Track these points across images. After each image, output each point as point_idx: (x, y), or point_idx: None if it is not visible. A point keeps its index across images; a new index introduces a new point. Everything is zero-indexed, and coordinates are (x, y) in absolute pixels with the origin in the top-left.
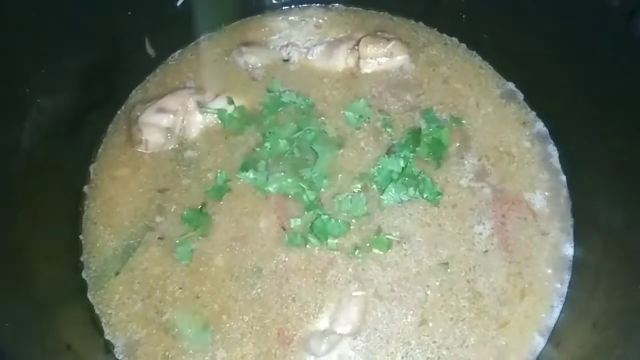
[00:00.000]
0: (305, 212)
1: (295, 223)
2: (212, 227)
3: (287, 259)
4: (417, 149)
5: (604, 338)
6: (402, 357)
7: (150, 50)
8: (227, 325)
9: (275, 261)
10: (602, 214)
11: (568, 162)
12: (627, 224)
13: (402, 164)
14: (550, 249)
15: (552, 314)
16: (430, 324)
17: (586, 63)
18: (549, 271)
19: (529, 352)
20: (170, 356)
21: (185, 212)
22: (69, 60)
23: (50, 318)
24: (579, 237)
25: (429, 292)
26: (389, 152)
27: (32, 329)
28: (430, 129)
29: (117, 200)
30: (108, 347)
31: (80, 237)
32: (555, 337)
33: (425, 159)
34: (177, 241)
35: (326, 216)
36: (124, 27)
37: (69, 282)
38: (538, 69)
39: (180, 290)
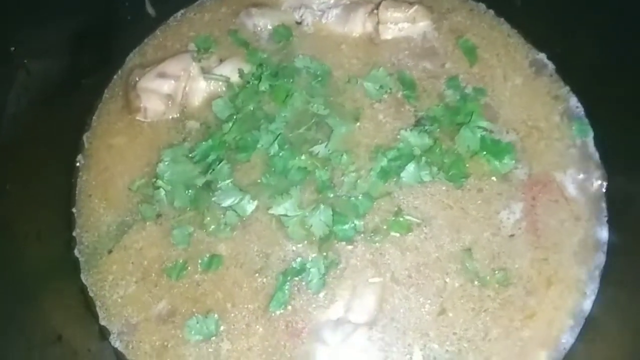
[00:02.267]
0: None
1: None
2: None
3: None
4: (444, 124)
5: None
6: (420, 350)
7: (150, 9)
8: (232, 315)
9: (281, 246)
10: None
11: (602, 143)
12: None
13: (427, 139)
14: (581, 235)
15: (583, 306)
16: (450, 314)
17: (628, 37)
18: (579, 259)
19: (556, 346)
20: (169, 346)
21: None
22: (61, 18)
23: (39, 304)
24: (615, 223)
25: (447, 280)
26: (413, 125)
27: (18, 318)
28: (457, 102)
29: (112, 171)
30: (103, 334)
31: (74, 210)
32: (589, 332)
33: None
34: (173, 223)
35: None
36: None
37: (60, 261)
38: (574, 40)
39: None
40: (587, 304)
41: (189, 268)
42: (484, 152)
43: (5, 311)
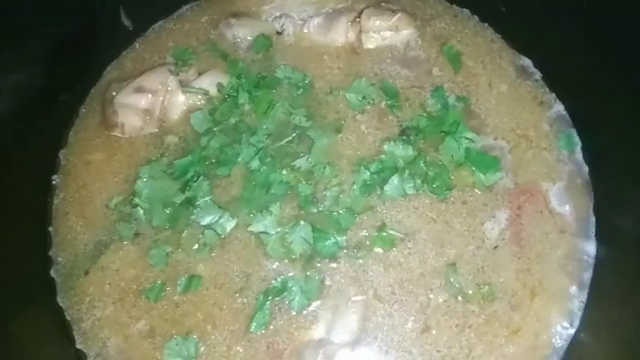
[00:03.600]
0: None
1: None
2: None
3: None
4: (429, 134)
5: (628, 355)
6: None
7: (126, 21)
8: (212, 336)
9: (261, 265)
10: (629, 213)
11: (591, 153)
12: None
13: (411, 151)
14: (566, 248)
15: (569, 320)
16: (434, 332)
17: (613, 41)
18: (563, 272)
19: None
20: None
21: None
22: (33, 33)
23: (12, 327)
24: (602, 237)
25: (431, 296)
26: (397, 136)
27: None
28: (440, 111)
29: (90, 188)
30: (79, 357)
31: (50, 229)
32: (574, 349)
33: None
34: (150, 243)
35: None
36: None
37: (35, 283)
38: (559, 45)
39: None
40: (575, 321)
41: (168, 289)
42: (469, 164)
43: None
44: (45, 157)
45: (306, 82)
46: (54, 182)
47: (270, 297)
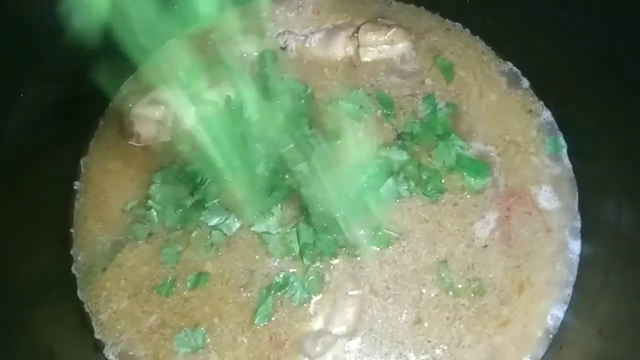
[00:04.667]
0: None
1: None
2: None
3: (278, 261)
4: (422, 139)
5: (610, 347)
6: (396, 358)
7: (142, 40)
8: (219, 328)
9: (264, 263)
10: (612, 212)
11: (577, 156)
12: (639, 224)
13: (406, 156)
14: (554, 246)
15: (554, 314)
16: (426, 324)
17: (597, 51)
18: (551, 268)
19: (526, 352)
20: (161, 356)
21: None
22: (56, 51)
23: (36, 319)
24: (587, 235)
25: (424, 291)
26: (392, 142)
27: (14, 331)
28: (430, 117)
29: (108, 194)
30: (97, 347)
31: (71, 230)
32: (558, 339)
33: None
34: (163, 242)
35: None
36: None
37: (58, 279)
38: (546, 56)
39: None
40: (559, 313)
41: (178, 285)
42: (460, 169)
43: (3, 322)
44: (67, 164)
45: (307, 92)
46: (75, 188)
47: (272, 292)
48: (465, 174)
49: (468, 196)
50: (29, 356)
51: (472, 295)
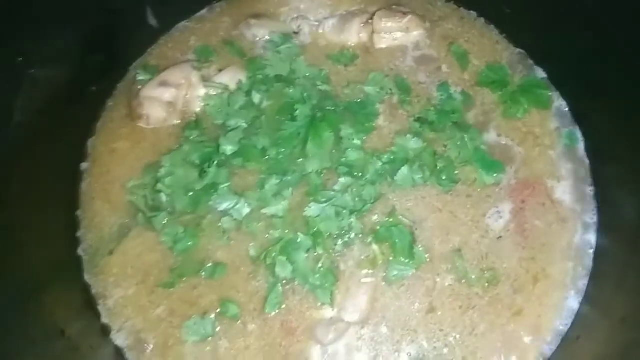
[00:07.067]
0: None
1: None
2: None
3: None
4: (437, 126)
5: (630, 337)
6: (408, 345)
7: (152, 21)
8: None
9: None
10: (629, 205)
11: (593, 149)
12: None
13: (421, 143)
14: (569, 238)
15: (569, 305)
16: (439, 312)
17: (616, 43)
18: (566, 260)
19: (540, 341)
20: (170, 344)
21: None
22: (66, 30)
23: (43, 300)
24: (603, 228)
25: (437, 280)
26: (407, 129)
27: (23, 313)
28: (445, 104)
29: (115, 175)
30: (105, 331)
31: (78, 212)
32: (574, 330)
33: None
34: (171, 228)
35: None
36: None
37: (65, 261)
38: (561, 45)
39: None
40: (575, 302)
41: (187, 272)
42: (474, 162)
43: (11, 306)
44: (74, 145)
45: (322, 77)
46: (82, 169)
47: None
48: (479, 168)
49: (481, 188)
50: (40, 337)
51: (486, 284)
